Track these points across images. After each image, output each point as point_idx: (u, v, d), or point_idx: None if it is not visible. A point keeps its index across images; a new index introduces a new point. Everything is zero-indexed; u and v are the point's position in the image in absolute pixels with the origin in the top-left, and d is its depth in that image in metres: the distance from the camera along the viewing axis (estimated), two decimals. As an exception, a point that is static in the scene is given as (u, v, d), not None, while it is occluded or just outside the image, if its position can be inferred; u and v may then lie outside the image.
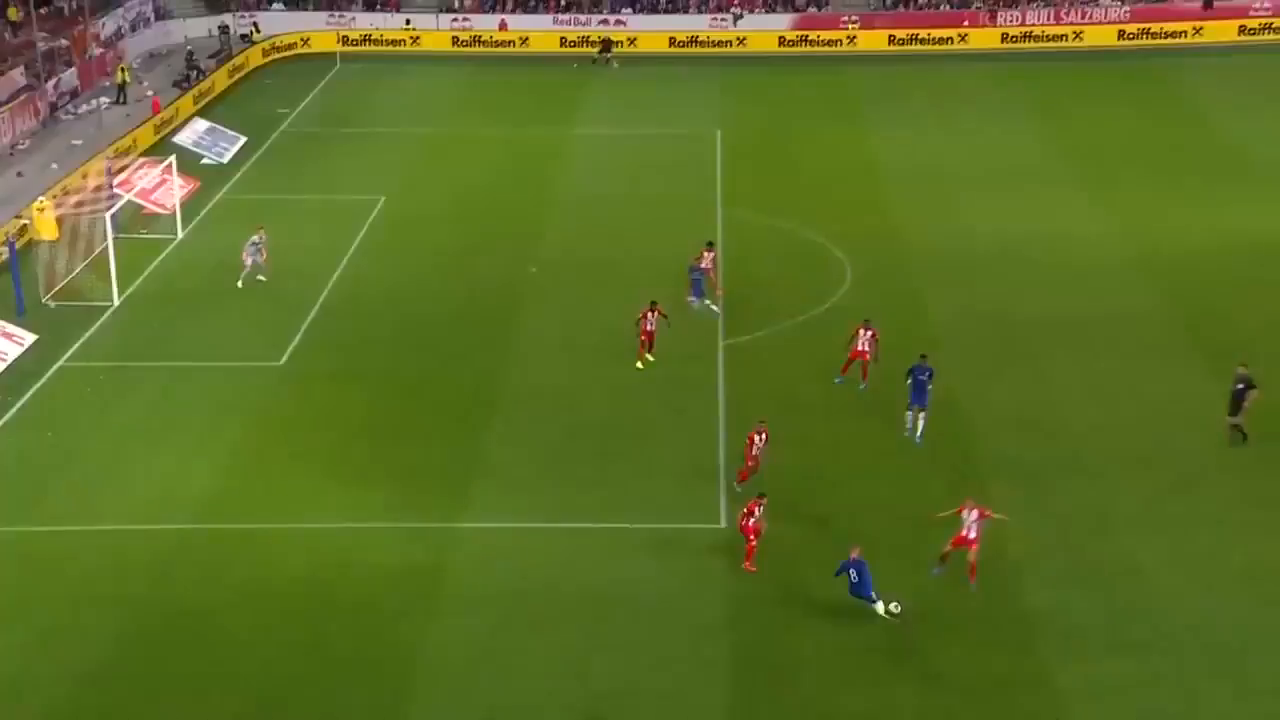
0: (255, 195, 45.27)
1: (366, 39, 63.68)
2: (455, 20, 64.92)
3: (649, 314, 32.94)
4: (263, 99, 56.05)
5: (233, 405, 31.38)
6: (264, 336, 34.51)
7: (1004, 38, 62.85)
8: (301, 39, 63.20)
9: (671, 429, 30.38)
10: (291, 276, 37.94)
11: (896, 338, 32.91)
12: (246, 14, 63.95)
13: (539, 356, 33.80)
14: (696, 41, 63.55)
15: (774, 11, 64.90)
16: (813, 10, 64.88)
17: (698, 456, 29.20)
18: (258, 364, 33.22)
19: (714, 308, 34.94)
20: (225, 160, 48.55)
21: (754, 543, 25.58)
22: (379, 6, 65.66)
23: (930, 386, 29.44)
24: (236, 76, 58.82)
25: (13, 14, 53.04)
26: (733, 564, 25.72)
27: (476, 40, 63.97)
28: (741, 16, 64.25)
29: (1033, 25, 63.21)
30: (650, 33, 63.80)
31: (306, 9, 65.02)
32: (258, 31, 62.77)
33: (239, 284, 36.92)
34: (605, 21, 64.34)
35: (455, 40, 64.05)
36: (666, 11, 65.31)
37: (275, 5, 65.30)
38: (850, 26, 63.46)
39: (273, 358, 33.50)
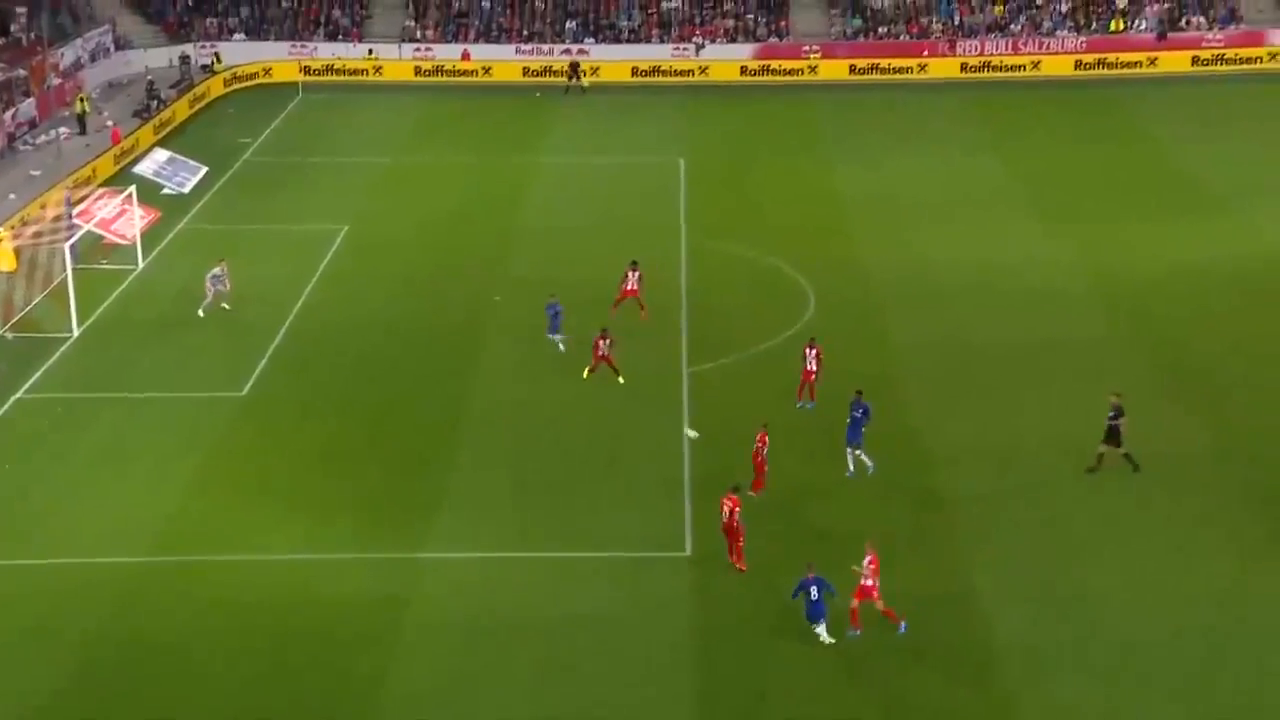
0: (217, 225, 45.05)
1: (329, 69, 63.66)
2: (418, 50, 65.00)
3: (600, 340, 33.13)
4: (224, 129, 55.86)
5: (193, 436, 31.10)
6: (225, 367, 34.27)
7: (963, 67, 63.45)
8: (263, 69, 63.11)
9: (636, 456, 30.32)
10: (254, 306, 37.72)
11: (858, 364, 33.02)
12: (208, 44, 63.83)
13: (503, 384, 33.70)
14: (659, 71, 63.83)
15: (735, 41, 65.31)
16: (774, 40, 65.34)
17: (663, 484, 29.13)
18: (219, 394, 32.97)
19: (561, 346, 34.46)
20: (186, 190, 48.24)
21: (740, 541, 25.77)
22: (341, 37, 65.68)
23: (865, 424, 29.21)
24: (198, 106, 58.63)
25: (-29, 44, 52.78)
26: (698, 590, 25.63)
27: (439, 70, 64.07)
28: (704, 46, 64.61)
29: (991, 55, 63.85)
30: (613, 62, 64.05)
31: (268, 39, 64.96)
32: (219, 61, 62.63)
33: (200, 312, 36.69)
34: (568, 51, 64.57)
35: (418, 70, 64.12)
36: (629, 41, 65.64)
37: (237, 35, 65.21)
38: (811, 56, 63.92)
39: (234, 388, 33.27)
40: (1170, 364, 34.32)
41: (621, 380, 33.19)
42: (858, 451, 29.27)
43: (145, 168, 49.27)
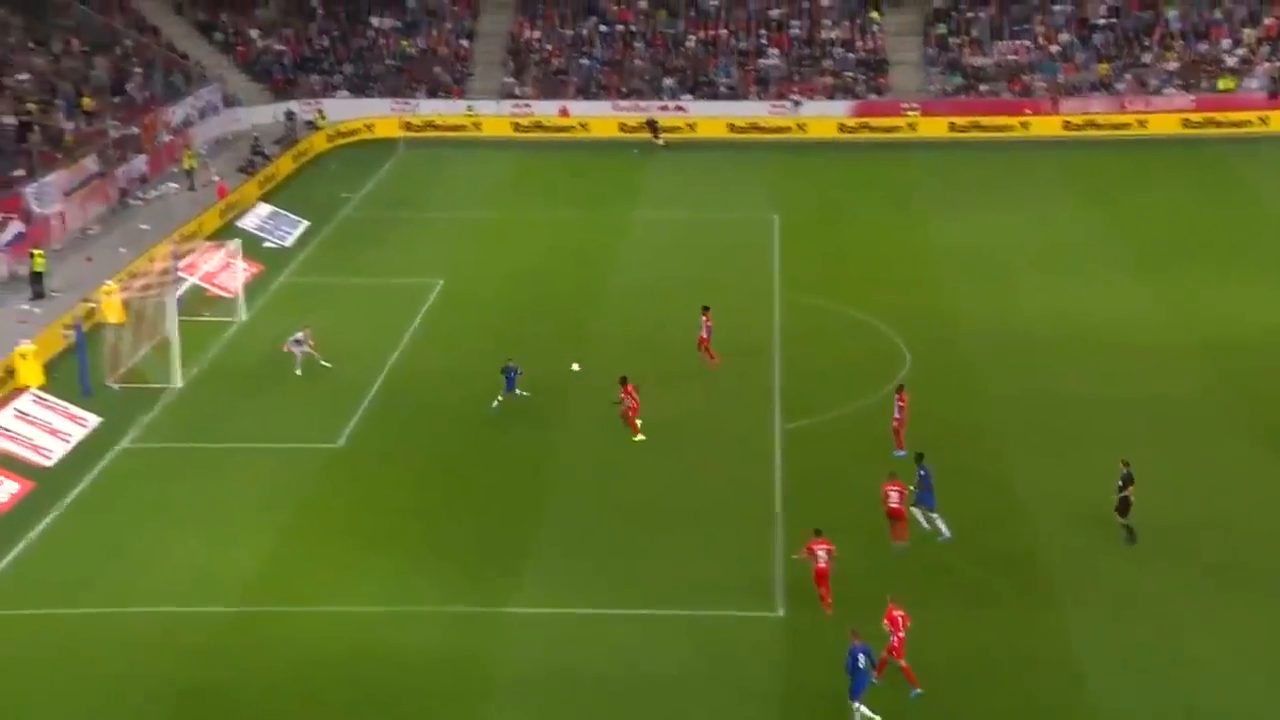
0: (316, 278, 45.82)
1: (429, 125, 64.71)
2: (516, 106, 65.83)
3: (627, 389, 33.10)
4: (326, 184, 56.91)
5: (287, 487, 31.48)
6: (322, 419, 34.71)
7: (1066, 125, 62.63)
8: (365, 124, 64.32)
9: (727, 513, 30.08)
10: (350, 359, 38.24)
11: (952, 417, 32.65)
12: (312, 101, 65.22)
13: (590, 437, 33.71)
14: (756, 128, 63.94)
15: (834, 98, 65.26)
16: (873, 97, 65.17)
17: (754, 542, 28.82)
18: (314, 446, 33.38)
19: (496, 406, 34.43)
20: (288, 244, 49.27)
21: (825, 587, 25.75)
22: (442, 93, 66.78)
23: (932, 488, 28.80)
24: (300, 161, 59.86)
25: (86, 103, 54.37)
26: (788, 650, 25.25)
27: (537, 125, 64.79)
28: (802, 103, 64.66)
29: (1096, 114, 62.94)
30: (710, 118, 64.32)
31: (371, 96, 66.22)
32: (323, 118, 63.95)
33: (298, 371, 37.17)
34: (665, 108, 64.99)
35: (516, 125, 64.90)
36: (726, 98, 65.90)
37: (340, 92, 66.58)
38: (910, 113, 63.62)
39: (330, 439, 33.68)
40: (1271, 425, 33.39)
41: (640, 437, 32.93)
42: (932, 514, 28.84)
43: (249, 222, 50.46)
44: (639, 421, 33.41)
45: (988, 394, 35.66)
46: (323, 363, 37.26)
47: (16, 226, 44.43)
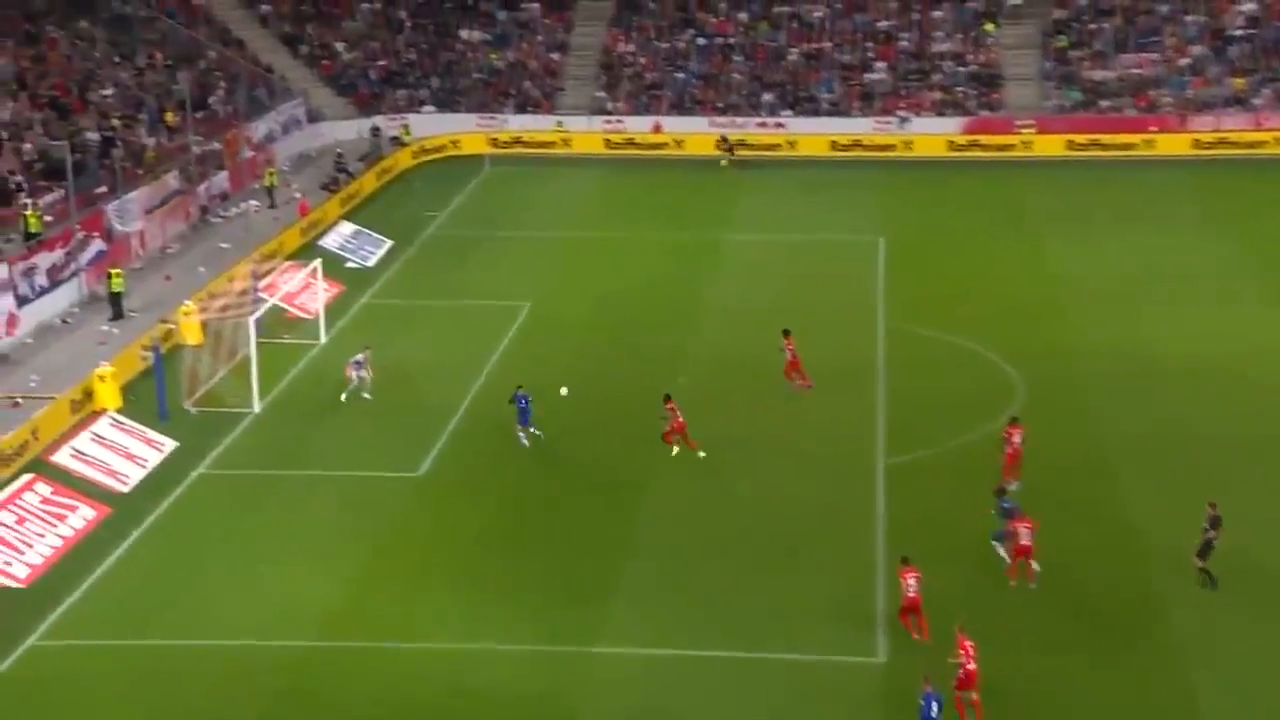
0: (399, 300, 46.33)
1: (517, 141, 65.27)
2: (608, 122, 66.21)
3: (672, 407, 33.57)
4: (410, 202, 57.58)
5: (367, 517, 31.78)
6: (403, 446, 35.01)
7: (1195, 143, 61.56)
8: (451, 141, 65.04)
9: (826, 550, 29.85)
10: (434, 384, 38.59)
11: (1070, 454, 32.16)
12: (397, 116, 66.13)
13: (683, 470, 33.69)
14: (860, 145, 63.72)
15: (943, 115, 64.84)
16: (985, 114, 64.62)
17: (854, 582, 28.57)
18: (395, 474, 33.67)
19: (524, 440, 34.45)
20: (370, 264, 49.92)
21: (919, 617, 25.73)
22: (530, 108, 67.34)
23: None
24: (385, 179, 60.65)
25: (169, 119, 55.63)
26: (889, 698, 24.97)
27: (629, 142, 65.11)
28: (909, 120, 64.32)
29: (1229, 131, 61.75)
30: (810, 136, 64.22)
31: (458, 111, 66.96)
32: (408, 134, 64.79)
33: (342, 398, 37.41)
34: (763, 124, 65.02)
35: (607, 142, 65.26)
36: (828, 114, 65.75)
37: (426, 108, 67.41)
38: (1025, 131, 62.96)
39: (410, 468, 33.96)
40: None
41: (675, 451, 33.57)
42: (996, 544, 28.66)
43: (331, 241, 51.22)
44: (676, 443, 33.77)
45: (1106, 429, 35.08)
46: (364, 394, 37.52)
47: (97, 245, 45.52)
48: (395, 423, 36.41)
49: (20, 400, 36.74)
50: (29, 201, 43.85)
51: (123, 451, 34.67)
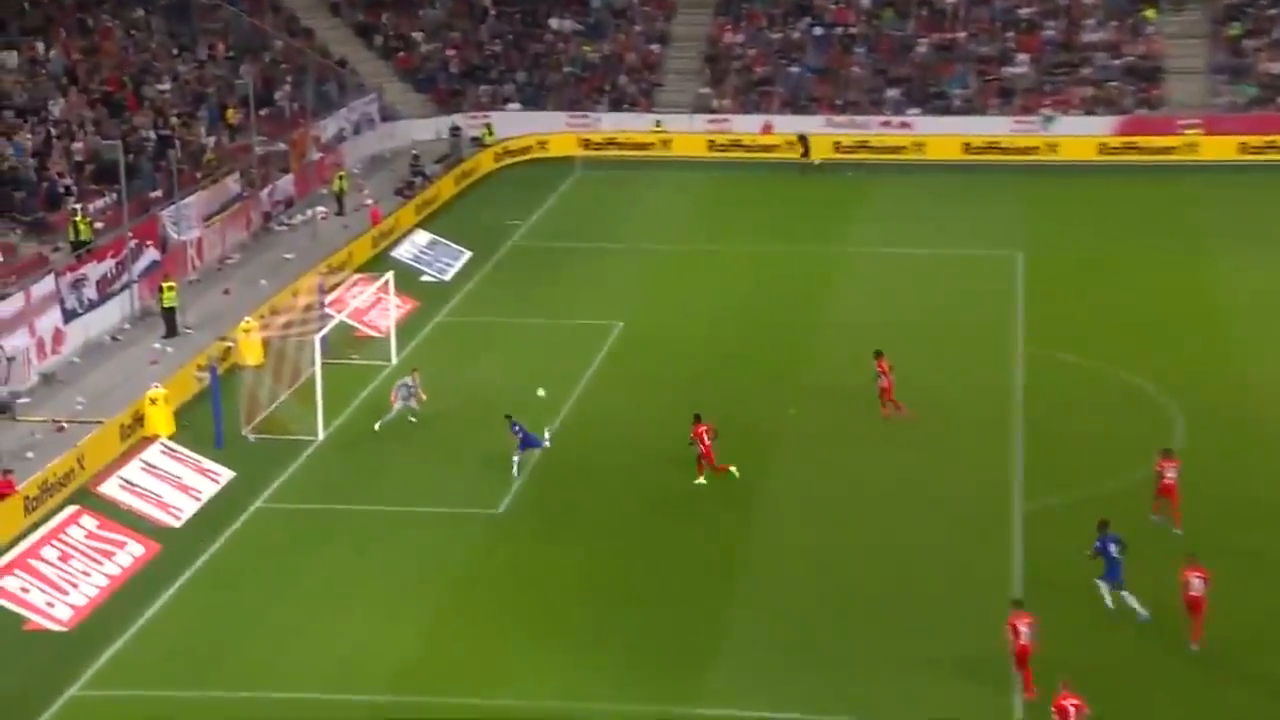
0: (479, 317, 46.66)
1: (611, 142, 65.64)
2: (712, 121, 66.35)
3: (702, 431, 34.05)
4: (492, 209, 58.05)
5: (441, 558, 31.95)
6: (480, 480, 35.18)
7: (1401, 145, 60.35)
8: (539, 141, 65.56)
9: (952, 605, 29.51)
10: (514, 412, 38.75)
11: (1239, 498, 31.62)
12: (479, 114, 66.73)
13: (791, 512, 33.54)
14: (997, 148, 63.24)
15: (1093, 113, 64.11)
16: (1143, 112, 63.74)
17: (984, 640, 28.20)
18: (472, 511, 33.85)
19: (517, 470, 34.87)
20: (447, 278, 50.35)
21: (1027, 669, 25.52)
22: (626, 106, 67.67)
23: (1123, 560, 28.43)
24: (465, 183, 61.23)
25: (230, 116, 56.61)
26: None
27: (736, 144, 65.19)
28: (1054, 119, 63.68)
29: None
30: (940, 137, 63.88)
31: (545, 109, 67.47)
32: (490, 134, 65.38)
33: (376, 426, 37.60)
34: (887, 123, 64.76)
35: (711, 144, 65.40)
36: (961, 113, 65.32)
37: (511, 105, 67.96)
38: (1190, 132, 62.05)
39: (489, 504, 34.11)
40: None
41: (702, 481, 33.86)
42: (1122, 592, 28.34)
43: (404, 252, 51.76)
44: (702, 472, 34.28)
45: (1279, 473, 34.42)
46: (410, 418, 37.72)
47: (151, 254, 46.35)
48: (472, 454, 36.59)
49: (65, 424, 37.46)
50: (78, 207, 44.80)
51: (175, 482, 35.21)
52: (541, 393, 36.44)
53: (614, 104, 67.75)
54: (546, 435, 35.57)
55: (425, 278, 50.16)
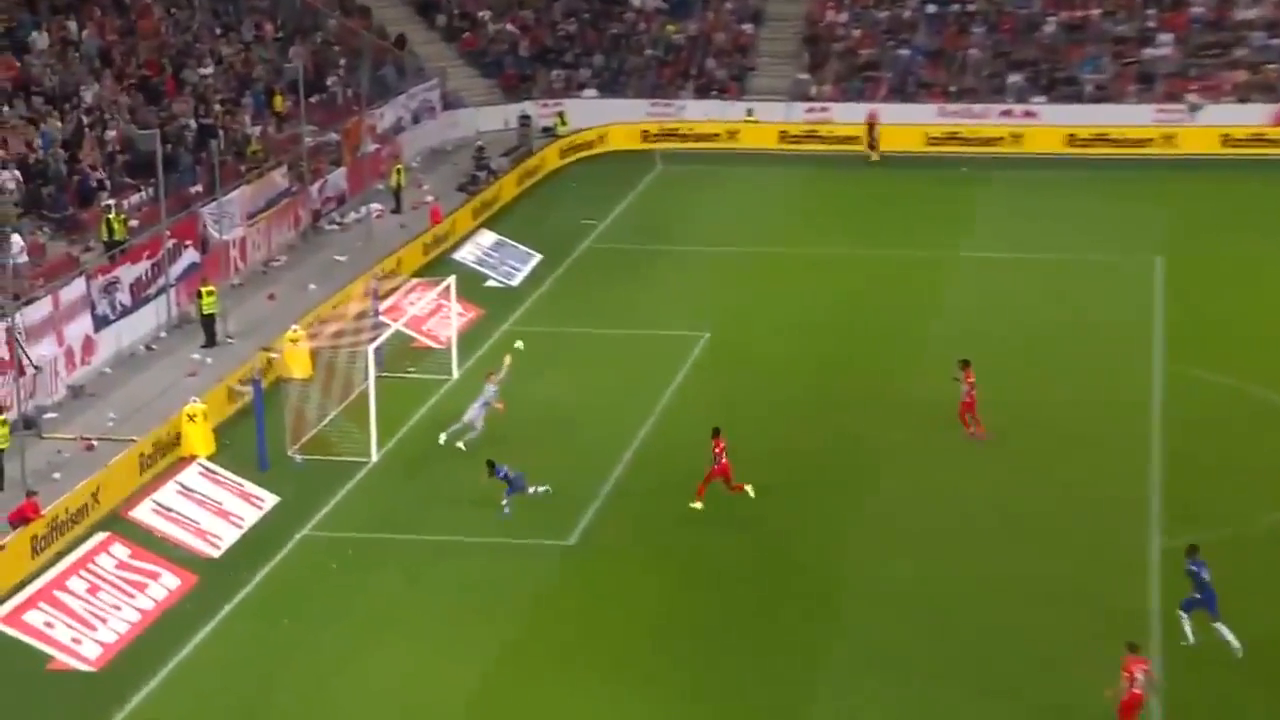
0: (549, 327, 46.80)
1: (697, 132, 65.68)
2: (811, 110, 66.27)
3: (719, 445, 34.29)
4: (565, 207, 58.33)
5: (505, 593, 32.06)
6: (551, 507, 35.18)
7: None
8: (617, 131, 65.68)
9: (1082, 652, 29.19)
10: (590, 431, 38.85)
11: None
12: (552, 102, 67.00)
13: (899, 544, 33.41)
14: (1135, 140, 62.61)
15: (1247, 101, 63.33)
16: (1312, 95, 62.99)
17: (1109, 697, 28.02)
18: (541, 541, 33.96)
19: (507, 510, 34.84)
20: (515, 283, 50.58)
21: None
22: (715, 92, 67.72)
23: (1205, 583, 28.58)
24: (534, 178, 61.50)
25: (278, 104, 57.26)
26: None
27: (838, 136, 65.00)
28: (1201, 107, 63.03)
29: None
30: (1069, 127, 63.41)
31: (625, 96, 67.69)
32: (564, 123, 65.65)
33: (447, 441, 37.74)
34: (1009, 112, 64.39)
35: (810, 135, 65.25)
36: (1094, 100, 64.80)
37: (587, 91, 68.22)
38: (1362, 120, 61.37)
39: (560, 534, 34.22)
40: None
41: (698, 505, 34.26)
42: (1216, 624, 28.32)
43: (467, 254, 52.06)
44: (709, 487, 34.53)
45: None
46: (460, 445, 37.79)
47: (190, 256, 46.93)
48: (542, 478, 36.61)
49: (95, 442, 38.00)
50: (111, 203, 45.45)
51: (214, 507, 35.59)
52: (520, 345, 36.54)
53: (701, 91, 67.84)
54: (537, 490, 35.17)
55: (491, 283, 50.41)
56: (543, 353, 44.34)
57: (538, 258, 52.32)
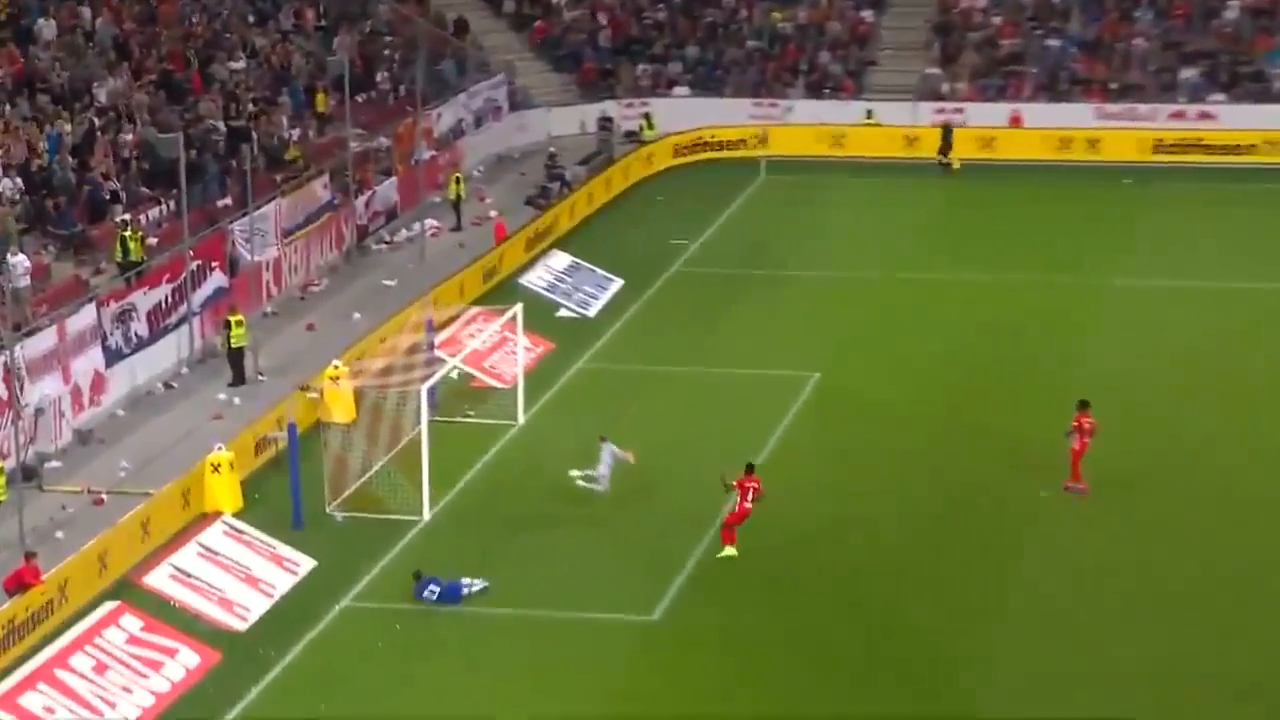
0: (631, 365, 46.82)
1: (807, 136, 65.48)
2: (941, 111, 66.00)
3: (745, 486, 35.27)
4: (651, 224, 58.45)
5: (579, 677, 31.95)
6: (631, 577, 35.21)
7: None
8: (712, 136, 65.76)
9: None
10: (679, 487, 38.67)
11: None
12: (636, 101, 67.09)
13: (1041, 629, 33.07)
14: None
15: None
16: None
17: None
18: (619, 617, 33.87)
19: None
20: (591, 313, 50.58)
21: None
22: (828, 91, 67.60)
23: None
24: (615, 190, 61.56)
25: (320, 103, 57.65)
26: None
27: (974, 141, 64.66)
28: None
29: None
30: (1253, 131, 62.83)
31: (723, 95, 67.70)
32: (650, 127, 65.72)
33: (575, 475, 37.95)
34: (1180, 114, 63.86)
35: (940, 139, 64.84)
36: (1280, 99, 64.23)
37: (678, 89, 68.28)
38: None
39: (642, 609, 34.07)
40: None
41: (733, 551, 34.82)
42: None
43: (537, 279, 52.12)
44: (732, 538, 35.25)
45: None
46: (588, 483, 37.79)
47: (216, 279, 47.21)
48: (621, 542, 36.61)
49: (105, 496, 38.24)
50: (126, 218, 45.81)
51: (241, 573, 35.67)
52: (357, 316, 36.11)
53: (812, 89, 67.76)
54: (471, 585, 34.75)
55: (564, 312, 50.46)
56: (623, 395, 44.35)
57: (618, 283, 52.33)
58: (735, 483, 35.81)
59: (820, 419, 42.91)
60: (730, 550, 35.57)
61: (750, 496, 35.66)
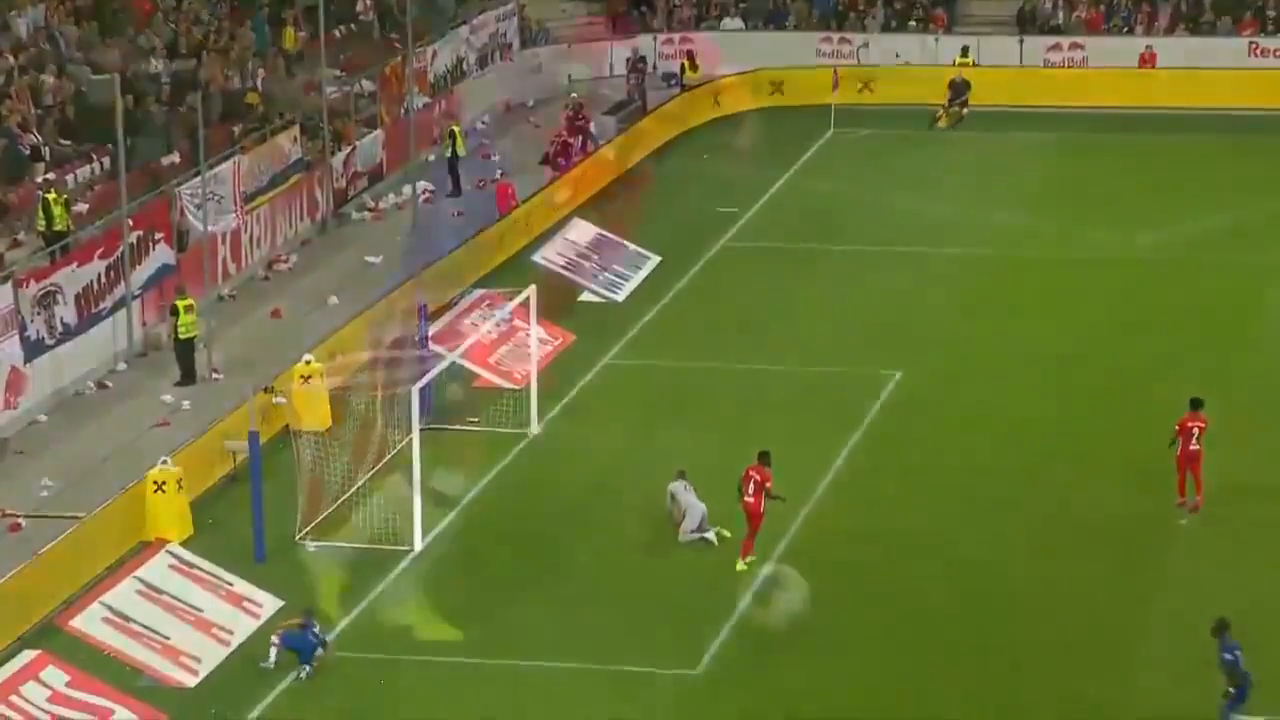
0: (669, 360, 46.95)
1: (883, 81, 65.48)
2: (1054, 48, 65.82)
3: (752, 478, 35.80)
4: (692, 189, 58.48)
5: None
6: (671, 623, 35.21)
7: None
8: (770, 81, 65.69)
9: None
10: (727, 515, 38.60)
11: None
12: (675, 37, 67.02)
13: (1180, 672, 32.99)
14: None
15: None
16: None
17: None
18: (656, 670, 33.85)
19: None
20: (620, 296, 50.66)
21: None
22: (913, 23, 67.52)
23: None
24: (650, 147, 61.59)
25: (289, 39, 57.63)
26: None
27: (1093, 83, 64.65)
28: None
29: None
30: None
31: (783, 28, 67.63)
32: (693, 69, 65.68)
33: (689, 537, 37.85)
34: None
35: (1048, 83, 64.77)
36: None
37: (727, 22, 68.22)
38: None
39: (684, 661, 34.07)
40: None
41: (745, 566, 35.71)
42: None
43: (554, 254, 52.14)
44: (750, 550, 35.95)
45: None
46: (699, 532, 37.88)
47: (162, 255, 47.25)
48: (658, 580, 36.59)
49: (22, 520, 38.27)
50: (50, 178, 45.85)
51: (190, 615, 35.64)
52: (334, 300, 36.14)
53: (893, 21, 67.60)
54: (321, 647, 34.33)
55: (588, 296, 50.49)
56: (658, 398, 44.32)
57: (654, 260, 52.42)
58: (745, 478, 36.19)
59: (900, 427, 43.03)
60: (741, 565, 36.07)
61: (752, 489, 35.73)
